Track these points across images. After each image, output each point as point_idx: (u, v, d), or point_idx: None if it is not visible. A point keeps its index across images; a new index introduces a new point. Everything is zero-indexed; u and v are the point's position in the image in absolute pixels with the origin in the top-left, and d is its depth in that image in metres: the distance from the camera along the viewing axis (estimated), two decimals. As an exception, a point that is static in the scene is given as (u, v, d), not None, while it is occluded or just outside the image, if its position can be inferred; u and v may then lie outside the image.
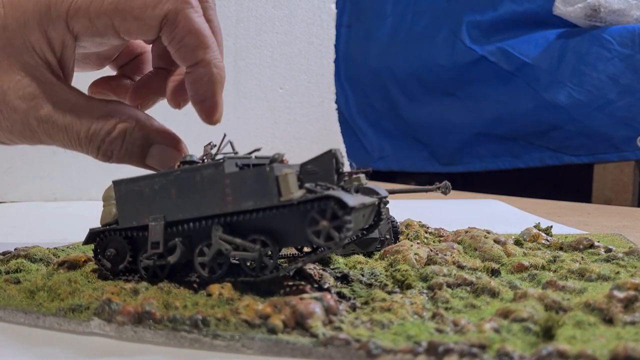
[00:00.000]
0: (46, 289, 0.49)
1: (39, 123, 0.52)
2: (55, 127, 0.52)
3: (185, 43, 0.52)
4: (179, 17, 0.51)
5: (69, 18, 0.51)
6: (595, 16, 1.69)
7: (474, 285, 0.51)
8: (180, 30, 0.52)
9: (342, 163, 0.49)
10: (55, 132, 0.53)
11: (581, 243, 0.68)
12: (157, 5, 0.51)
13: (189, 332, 0.41)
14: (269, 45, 1.53)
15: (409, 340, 0.39)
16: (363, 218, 0.50)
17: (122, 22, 0.51)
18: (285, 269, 0.48)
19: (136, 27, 0.52)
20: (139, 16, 0.51)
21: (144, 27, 0.52)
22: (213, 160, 0.49)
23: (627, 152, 1.71)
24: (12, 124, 0.53)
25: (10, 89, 0.52)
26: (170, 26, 0.51)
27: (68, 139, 0.53)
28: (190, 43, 0.52)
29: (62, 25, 0.51)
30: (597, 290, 0.51)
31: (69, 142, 0.54)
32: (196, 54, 0.52)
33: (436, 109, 2.10)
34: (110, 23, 0.51)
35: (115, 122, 0.53)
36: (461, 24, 1.97)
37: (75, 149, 0.54)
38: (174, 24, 0.51)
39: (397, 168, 2.24)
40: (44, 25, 0.51)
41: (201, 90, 0.53)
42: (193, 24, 0.52)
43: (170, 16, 0.51)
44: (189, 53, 0.52)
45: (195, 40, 0.52)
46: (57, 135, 0.53)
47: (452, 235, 0.73)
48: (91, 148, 0.53)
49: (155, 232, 0.50)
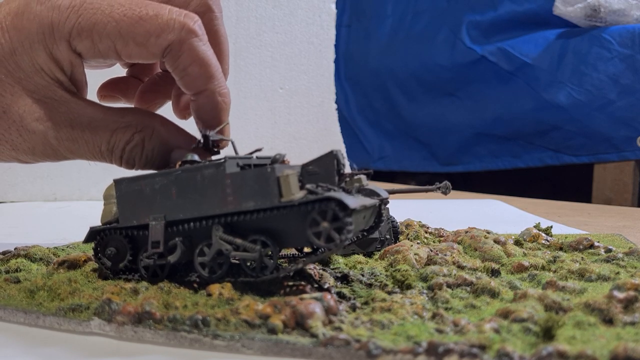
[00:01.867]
0: (46, 289, 0.49)
1: (59, 142, 0.53)
2: (76, 143, 0.53)
3: (188, 72, 0.52)
4: (183, 47, 0.50)
5: (72, 39, 0.51)
6: (595, 16, 1.69)
7: (474, 285, 0.51)
8: (183, 60, 0.51)
9: (343, 164, 0.49)
10: (76, 148, 0.53)
11: (581, 243, 0.68)
12: (160, 34, 0.50)
13: (189, 332, 0.41)
14: (269, 45, 1.53)
15: (409, 341, 0.39)
16: (364, 219, 0.50)
17: (124, 46, 0.51)
18: (285, 270, 0.48)
19: (138, 53, 0.51)
20: (142, 43, 0.50)
21: (146, 54, 0.51)
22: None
23: (627, 152, 1.71)
24: (33, 146, 0.53)
25: (26, 112, 0.52)
26: (173, 55, 0.51)
27: (90, 153, 0.53)
28: (194, 72, 0.51)
29: (65, 46, 0.51)
30: (597, 290, 0.51)
31: (92, 156, 0.54)
32: (200, 83, 0.52)
33: (436, 109, 2.10)
34: (113, 46, 0.51)
35: (132, 132, 0.53)
36: (461, 24, 1.97)
37: (99, 160, 0.55)
38: (178, 54, 0.51)
39: (397, 168, 2.24)
40: (49, 47, 0.51)
41: (206, 117, 0.54)
42: (197, 54, 0.51)
43: (173, 46, 0.50)
44: (192, 82, 0.52)
45: (199, 69, 0.51)
46: (78, 151, 0.53)
47: (452, 235, 0.73)
48: (114, 159, 0.54)
49: (156, 232, 0.50)
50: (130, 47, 0.51)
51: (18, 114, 0.52)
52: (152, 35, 0.50)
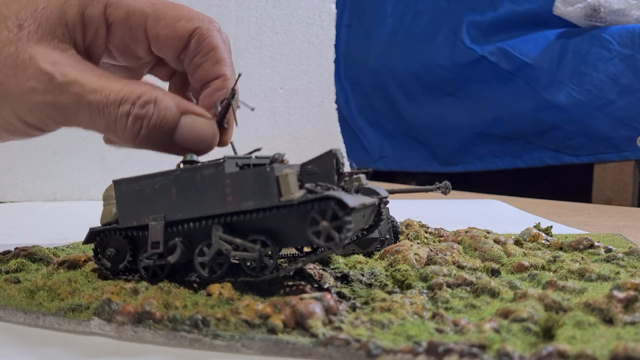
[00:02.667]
0: (46, 289, 0.49)
1: (66, 85, 0.50)
2: (83, 89, 0.50)
3: (209, 57, 0.57)
4: (209, 33, 0.56)
5: (109, 5, 0.53)
6: (595, 16, 1.69)
7: (474, 285, 0.51)
8: (206, 45, 0.56)
9: (343, 163, 0.49)
10: (83, 93, 0.50)
11: (581, 243, 0.68)
12: (190, 20, 0.56)
13: (189, 332, 0.41)
14: (269, 45, 1.53)
15: (409, 340, 0.39)
16: (363, 218, 0.50)
17: (155, 24, 0.55)
18: (285, 269, 0.48)
19: (165, 33, 0.55)
20: (171, 24, 0.55)
21: (173, 35, 0.55)
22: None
23: (627, 152, 1.71)
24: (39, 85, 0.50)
25: (38, 53, 0.51)
26: (198, 39, 0.56)
27: (96, 103, 0.50)
28: (213, 57, 0.57)
29: (100, 8, 0.53)
30: (597, 290, 0.51)
31: (96, 108, 0.50)
32: (217, 68, 0.57)
33: (436, 109, 2.10)
34: (144, 23, 0.55)
35: (147, 87, 0.51)
36: (461, 24, 1.97)
37: (101, 119, 0.50)
38: (202, 39, 0.56)
39: (397, 168, 2.24)
40: (85, 4, 0.52)
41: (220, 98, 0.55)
42: (218, 42, 0.57)
43: (199, 31, 0.56)
44: (211, 67, 0.57)
45: (218, 55, 0.57)
46: (84, 97, 0.50)
47: (452, 235, 0.73)
48: (119, 116, 0.50)
49: (156, 232, 0.50)
50: (159, 26, 0.55)
51: (30, 54, 0.50)
52: (183, 19, 0.56)
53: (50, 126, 0.53)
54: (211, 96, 0.56)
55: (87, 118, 0.50)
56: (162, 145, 0.52)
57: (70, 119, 0.51)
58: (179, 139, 0.51)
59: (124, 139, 0.51)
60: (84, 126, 0.52)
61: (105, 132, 0.52)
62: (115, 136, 0.52)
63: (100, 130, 0.52)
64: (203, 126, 0.52)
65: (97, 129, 0.52)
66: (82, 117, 0.51)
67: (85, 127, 0.52)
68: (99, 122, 0.51)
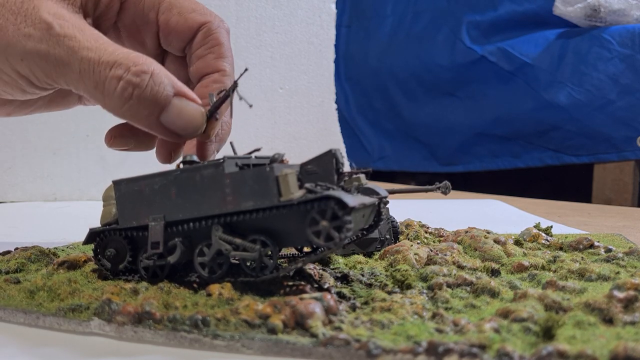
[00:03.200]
0: (46, 289, 0.49)
1: (62, 38, 0.49)
2: (78, 44, 0.49)
3: (213, 51, 0.58)
4: (216, 30, 0.59)
5: None
6: (595, 16, 1.69)
7: (474, 285, 0.51)
8: (212, 39, 0.58)
9: (342, 163, 0.49)
10: (77, 48, 0.48)
11: (581, 243, 0.68)
12: (203, 14, 0.59)
13: (188, 332, 0.41)
14: (269, 45, 1.53)
15: (409, 340, 0.39)
16: (363, 218, 0.50)
17: (168, 9, 0.57)
18: (285, 269, 0.48)
19: (176, 21, 0.58)
20: (183, 13, 0.58)
21: (183, 25, 0.58)
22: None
23: (627, 152, 1.71)
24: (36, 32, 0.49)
25: (43, 4, 0.50)
26: (207, 32, 0.58)
27: (87, 59, 0.48)
28: (217, 52, 0.59)
29: None
30: (597, 290, 0.51)
31: (87, 65, 0.49)
32: (219, 63, 0.58)
33: (436, 109, 2.10)
34: (157, 6, 0.57)
35: (145, 58, 0.50)
36: (461, 24, 1.97)
37: (90, 78, 0.49)
38: (209, 33, 0.58)
39: (397, 168, 2.24)
40: None
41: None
42: (224, 40, 0.59)
43: (209, 25, 0.58)
44: (213, 60, 0.58)
45: (222, 51, 0.59)
46: (77, 52, 0.48)
47: (452, 235, 0.73)
48: (109, 77, 0.48)
49: (155, 232, 0.50)
50: (171, 13, 0.58)
51: (35, 4, 0.50)
52: (196, 11, 0.58)
53: (40, 79, 0.51)
54: (207, 86, 0.57)
55: (76, 74, 0.49)
56: (146, 121, 0.50)
57: (59, 74, 0.50)
58: (166, 119, 0.50)
59: (110, 104, 0.49)
60: (73, 85, 0.50)
61: (93, 93, 0.50)
62: (101, 100, 0.50)
63: (87, 92, 0.50)
64: (193, 112, 0.51)
65: (85, 89, 0.50)
66: (72, 73, 0.49)
67: (75, 87, 0.50)
68: (87, 81, 0.49)
